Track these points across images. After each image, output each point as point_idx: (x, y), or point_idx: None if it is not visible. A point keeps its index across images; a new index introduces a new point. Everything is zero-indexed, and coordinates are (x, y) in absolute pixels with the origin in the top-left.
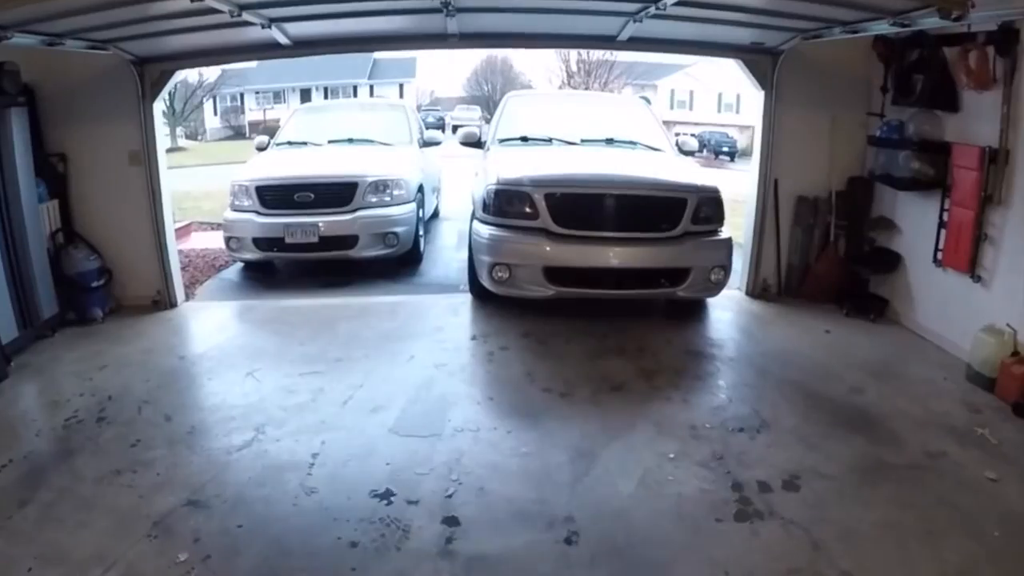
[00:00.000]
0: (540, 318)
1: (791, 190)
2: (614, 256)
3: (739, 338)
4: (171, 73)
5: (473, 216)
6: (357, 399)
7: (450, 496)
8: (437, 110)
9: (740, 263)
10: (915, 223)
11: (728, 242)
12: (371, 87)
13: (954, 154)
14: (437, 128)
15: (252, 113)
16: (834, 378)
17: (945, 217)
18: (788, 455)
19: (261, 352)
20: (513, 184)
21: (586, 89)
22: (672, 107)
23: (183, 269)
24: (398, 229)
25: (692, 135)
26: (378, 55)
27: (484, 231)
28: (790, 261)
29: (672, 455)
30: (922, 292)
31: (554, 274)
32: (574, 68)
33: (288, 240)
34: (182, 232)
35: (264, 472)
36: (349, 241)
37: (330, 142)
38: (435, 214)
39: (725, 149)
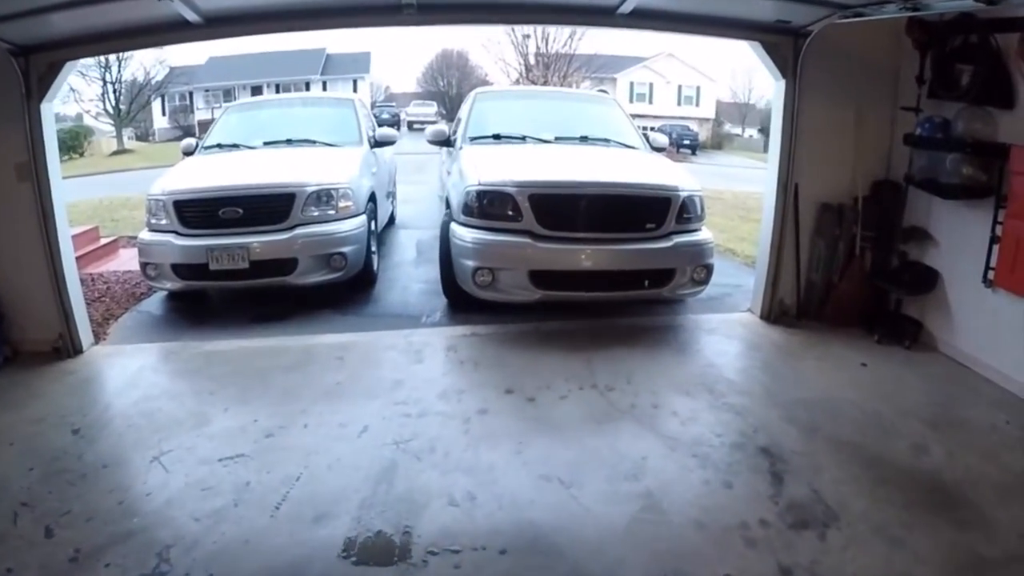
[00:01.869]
0: (525, 365)
1: (813, 196)
2: (603, 258)
3: (767, 380)
4: (62, 64)
5: (449, 218)
6: (293, 500)
7: None
8: (392, 106)
9: (754, 282)
10: (957, 235)
11: (710, 241)
12: (324, 83)
13: (1012, 158)
14: (392, 125)
15: (201, 112)
16: (890, 433)
17: (998, 231)
18: (870, 559)
19: (174, 423)
20: (495, 185)
21: (545, 82)
22: (631, 100)
23: (99, 299)
24: (345, 249)
25: (652, 128)
26: (331, 49)
27: (465, 234)
28: (810, 278)
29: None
30: (966, 315)
31: (540, 277)
32: (532, 61)
33: (213, 266)
34: (108, 249)
35: None
36: (286, 266)
37: (266, 144)
38: (391, 221)
39: (687, 142)
